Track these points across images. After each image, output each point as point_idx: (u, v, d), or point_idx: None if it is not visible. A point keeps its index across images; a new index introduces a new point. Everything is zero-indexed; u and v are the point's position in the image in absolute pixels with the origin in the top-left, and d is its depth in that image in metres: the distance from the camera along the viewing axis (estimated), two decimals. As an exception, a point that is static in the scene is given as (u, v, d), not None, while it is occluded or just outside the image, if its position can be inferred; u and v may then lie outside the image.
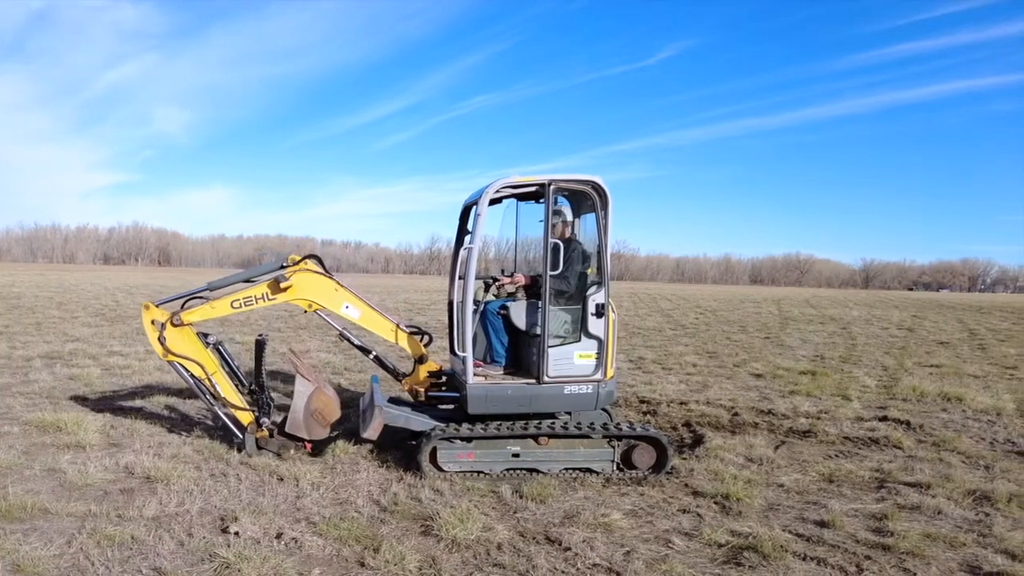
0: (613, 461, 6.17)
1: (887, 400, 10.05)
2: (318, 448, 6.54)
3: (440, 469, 6.00)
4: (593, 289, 6.18)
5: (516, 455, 6.08)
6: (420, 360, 6.87)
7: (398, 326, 6.71)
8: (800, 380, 11.73)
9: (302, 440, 6.44)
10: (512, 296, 6.74)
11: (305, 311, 6.60)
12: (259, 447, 6.37)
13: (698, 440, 7.44)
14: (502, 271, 7.11)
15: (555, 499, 5.51)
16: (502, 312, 6.47)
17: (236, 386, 6.66)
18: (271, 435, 6.48)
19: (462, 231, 6.93)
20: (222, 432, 6.83)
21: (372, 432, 6.13)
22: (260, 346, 6.78)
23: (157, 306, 6.50)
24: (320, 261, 6.68)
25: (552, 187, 6.03)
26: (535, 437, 6.09)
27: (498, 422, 6.13)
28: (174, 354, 6.39)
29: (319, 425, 6.44)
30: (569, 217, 6.45)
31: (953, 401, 9.94)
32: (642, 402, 9.52)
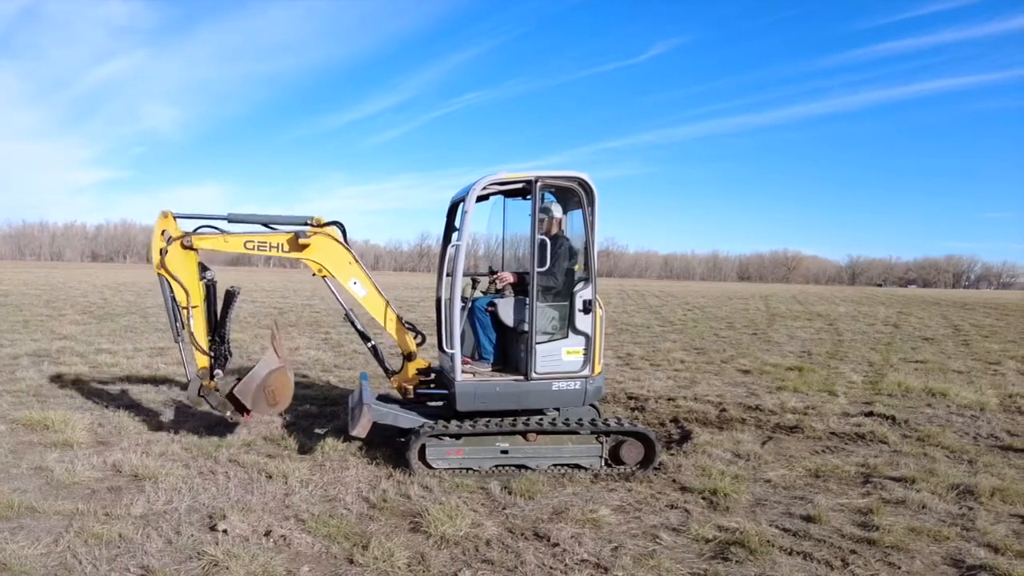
0: (601, 457, 6.20)
1: (873, 396, 10.13)
2: (252, 421, 6.45)
3: (429, 466, 6.01)
4: (580, 285, 6.20)
5: (505, 451, 6.10)
6: (409, 357, 6.82)
7: (399, 320, 6.67)
8: (787, 376, 11.81)
9: (244, 409, 6.23)
10: (500, 293, 6.75)
11: (314, 275, 6.48)
12: (200, 395, 6.21)
13: (686, 436, 7.48)
14: (490, 268, 7.12)
15: (543, 495, 5.53)
16: (490, 309, 6.48)
17: (207, 329, 6.48)
18: (217, 389, 6.30)
19: (449, 228, 6.93)
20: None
21: (361, 430, 6.13)
22: (230, 297, 6.69)
23: (175, 219, 6.28)
24: (343, 231, 6.57)
25: (539, 184, 6.04)
26: (524, 434, 6.12)
27: (486, 419, 6.16)
28: (168, 271, 6.13)
29: (266, 402, 6.19)
30: (557, 214, 6.44)
31: (938, 396, 10.04)
32: (630, 398, 9.56)
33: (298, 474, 5.76)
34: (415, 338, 6.81)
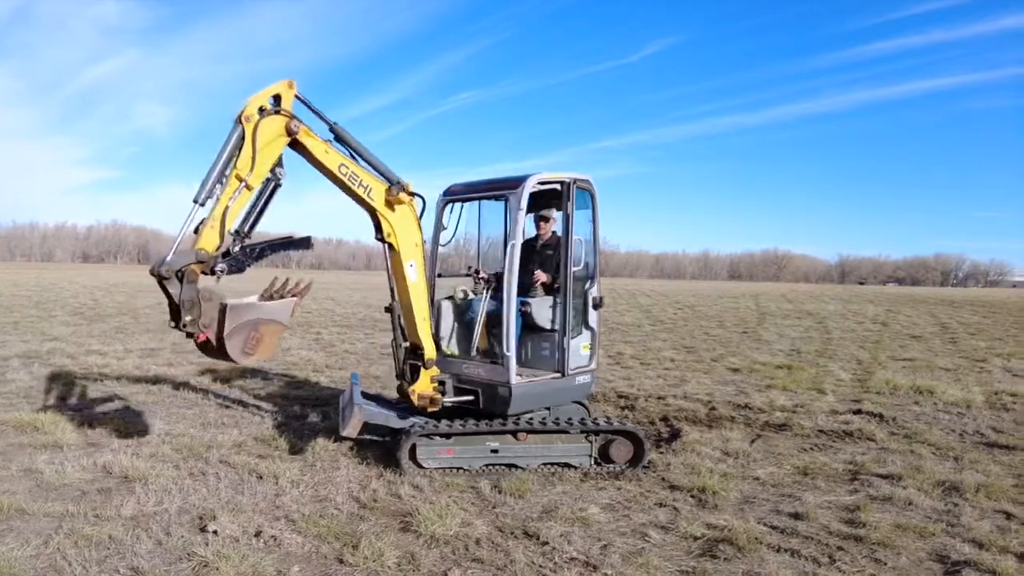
0: (591, 456, 6.23)
1: (861, 393, 10.20)
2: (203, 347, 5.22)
3: (419, 466, 6.03)
4: (589, 283, 6.57)
5: (495, 451, 6.12)
6: (427, 364, 6.38)
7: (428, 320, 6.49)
8: (776, 374, 11.87)
9: (213, 332, 5.08)
10: (496, 292, 6.87)
11: (377, 237, 6.04)
12: (177, 272, 4.80)
13: (675, 434, 7.52)
14: (469, 268, 7.10)
15: (533, 494, 5.56)
16: (523, 309, 6.55)
17: (246, 216, 5.35)
18: (199, 286, 4.99)
19: (439, 226, 6.96)
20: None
21: (351, 430, 6.13)
22: (302, 241, 5.74)
23: (296, 97, 5.38)
24: (423, 209, 6.25)
25: (575, 185, 6.35)
26: (514, 433, 6.14)
27: (476, 418, 6.19)
28: (253, 138, 5.05)
29: (244, 344, 5.19)
30: (556, 215, 6.64)
31: (925, 394, 10.11)
32: (620, 397, 9.60)
33: (289, 474, 5.77)
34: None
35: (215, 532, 4.59)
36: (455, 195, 6.90)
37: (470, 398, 6.46)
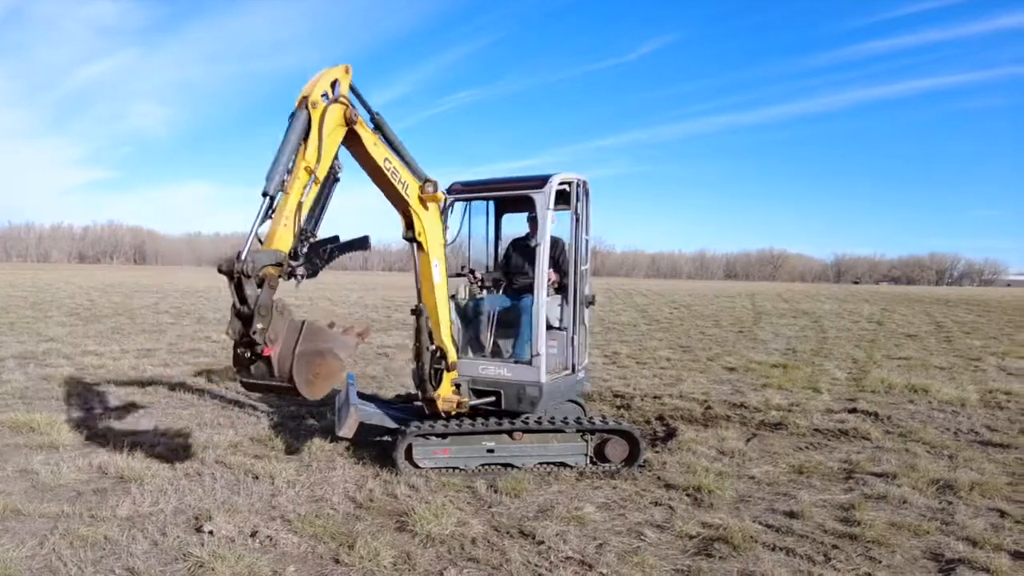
0: (586, 455, 6.23)
1: (856, 392, 10.23)
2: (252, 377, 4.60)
3: (416, 465, 6.03)
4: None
5: (491, 450, 6.13)
6: (449, 368, 6.25)
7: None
8: (772, 373, 11.89)
9: (281, 351, 4.45)
10: (490, 292, 6.96)
11: (405, 237, 5.89)
12: (251, 271, 4.15)
13: (671, 433, 7.53)
14: (463, 268, 7.09)
15: (529, 493, 5.56)
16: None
17: (310, 213, 4.84)
18: (280, 275, 4.39)
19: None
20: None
21: (347, 430, 6.13)
22: (361, 241, 5.34)
23: (350, 87, 5.07)
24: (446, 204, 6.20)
25: (583, 186, 6.53)
26: (509, 432, 6.15)
27: (472, 418, 6.20)
28: (320, 126, 4.69)
29: (310, 369, 4.55)
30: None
31: (920, 392, 10.14)
32: (616, 396, 9.61)
33: (285, 475, 5.77)
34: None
35: (211, 532, 4.59)
36: (460, 193, 6.82)
37: (492, 399, 6.43)
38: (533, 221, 6.93)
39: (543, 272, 6.19)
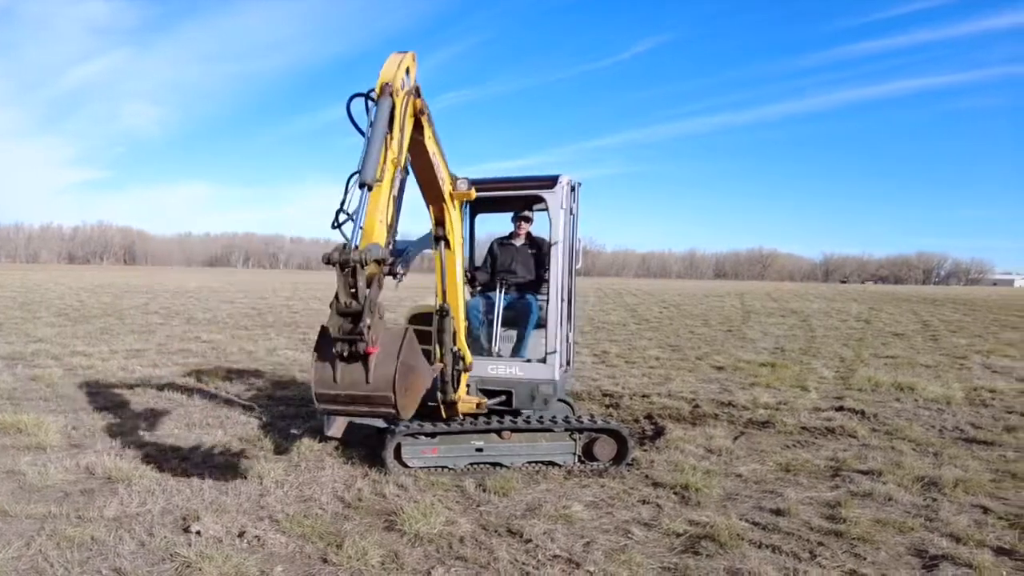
0: (575, 454, 6.25)
1: (844, 391, 10.29)
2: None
3: (404, 465, 6.04)
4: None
5: (480, 449, 6.14)
6: (467, 368, 6.20)
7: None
8: (760, 372, 11.96)
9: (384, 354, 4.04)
10: (483, 291, 7.04)
11: (432, 233, 5.77)
12: (366, 260, 3.82)
13: (659, 432, 7.57)
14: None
15: (517, 492, 5.58)
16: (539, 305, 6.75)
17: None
18: (383, 272, 4.13)
19: None
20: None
21: (336, 430, 6.15)
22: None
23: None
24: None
25: (577, 188, 6.59)
26: (498, 431, 6.16)
27: (461, 417, 6.22)
28: (403, 115, 4.48)
29: (406, 379, 4.12)
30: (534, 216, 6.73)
31: (906, 391, 10.22)
32: (605, 395, 9.65)
33: (273, 475, 5.76)
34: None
35: (198, 533, 4.59)
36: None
37: (501, 399, 6.47)
38: (522, 220, 6.97)
39: (560, 272, 6.30)
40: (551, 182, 6.30)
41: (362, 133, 4.36)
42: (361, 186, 4.02)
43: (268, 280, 51.84)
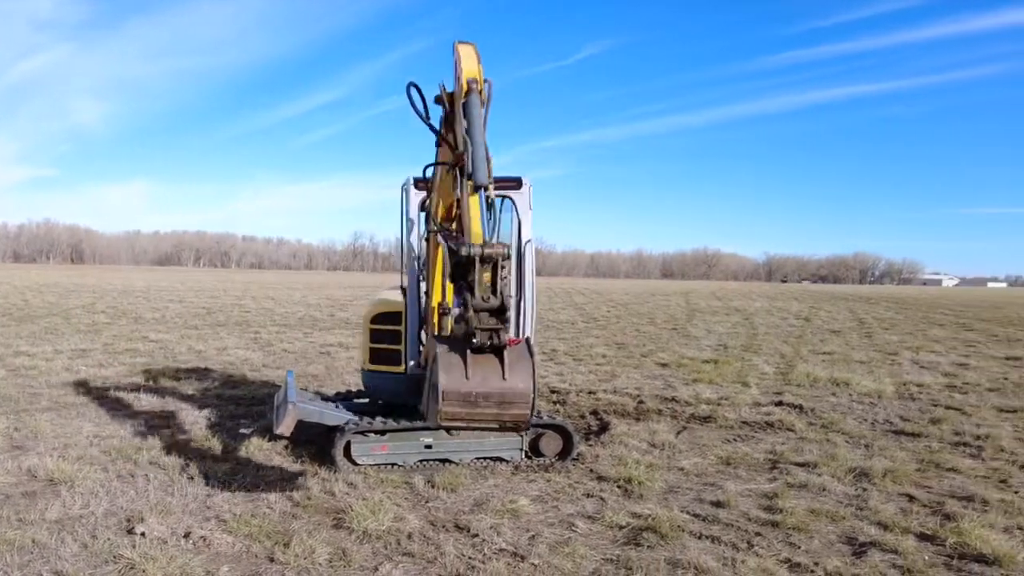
0: (522, 449, 6.35)
1: (783, 386, 10.63)
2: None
3: (354, 463, 6.05)
4: None
5: (429, 446, 6.19)
6: None
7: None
8: (703, 368, 12.25)
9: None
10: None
11: (440, 227, 5.45)
12: (508, 254, 3.96)
13: (604, 427, 7.72)
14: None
15: (466, 487, 5.65)
16: None
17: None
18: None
19: (409, 220, 6.69)
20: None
21: (285, 428, 6.11)
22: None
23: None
24: None
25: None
26: (447, 428, 6.21)
27: (410, 415, 6.26)
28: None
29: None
30: None
31: (841, 385, 10.61)
32: (553, 392, 9.79)
33: (220, 475, 5.73)
34: None
35: (143, 534, 4.54)
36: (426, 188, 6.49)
37: None
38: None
39: (531, 271, 6.36)
40: (517, 183, 6.40)
41: (434, 131, 4.65)
42: (476, 189, 4.02)
43: (220, 279, 50.82)
